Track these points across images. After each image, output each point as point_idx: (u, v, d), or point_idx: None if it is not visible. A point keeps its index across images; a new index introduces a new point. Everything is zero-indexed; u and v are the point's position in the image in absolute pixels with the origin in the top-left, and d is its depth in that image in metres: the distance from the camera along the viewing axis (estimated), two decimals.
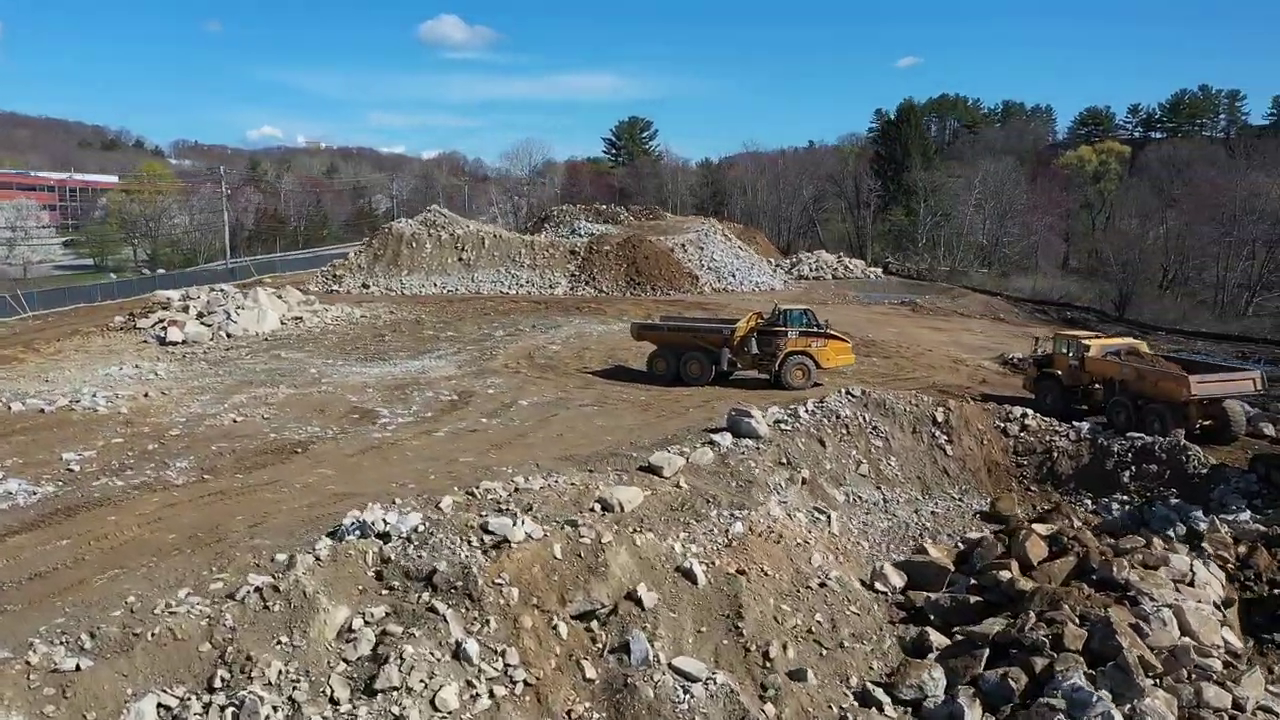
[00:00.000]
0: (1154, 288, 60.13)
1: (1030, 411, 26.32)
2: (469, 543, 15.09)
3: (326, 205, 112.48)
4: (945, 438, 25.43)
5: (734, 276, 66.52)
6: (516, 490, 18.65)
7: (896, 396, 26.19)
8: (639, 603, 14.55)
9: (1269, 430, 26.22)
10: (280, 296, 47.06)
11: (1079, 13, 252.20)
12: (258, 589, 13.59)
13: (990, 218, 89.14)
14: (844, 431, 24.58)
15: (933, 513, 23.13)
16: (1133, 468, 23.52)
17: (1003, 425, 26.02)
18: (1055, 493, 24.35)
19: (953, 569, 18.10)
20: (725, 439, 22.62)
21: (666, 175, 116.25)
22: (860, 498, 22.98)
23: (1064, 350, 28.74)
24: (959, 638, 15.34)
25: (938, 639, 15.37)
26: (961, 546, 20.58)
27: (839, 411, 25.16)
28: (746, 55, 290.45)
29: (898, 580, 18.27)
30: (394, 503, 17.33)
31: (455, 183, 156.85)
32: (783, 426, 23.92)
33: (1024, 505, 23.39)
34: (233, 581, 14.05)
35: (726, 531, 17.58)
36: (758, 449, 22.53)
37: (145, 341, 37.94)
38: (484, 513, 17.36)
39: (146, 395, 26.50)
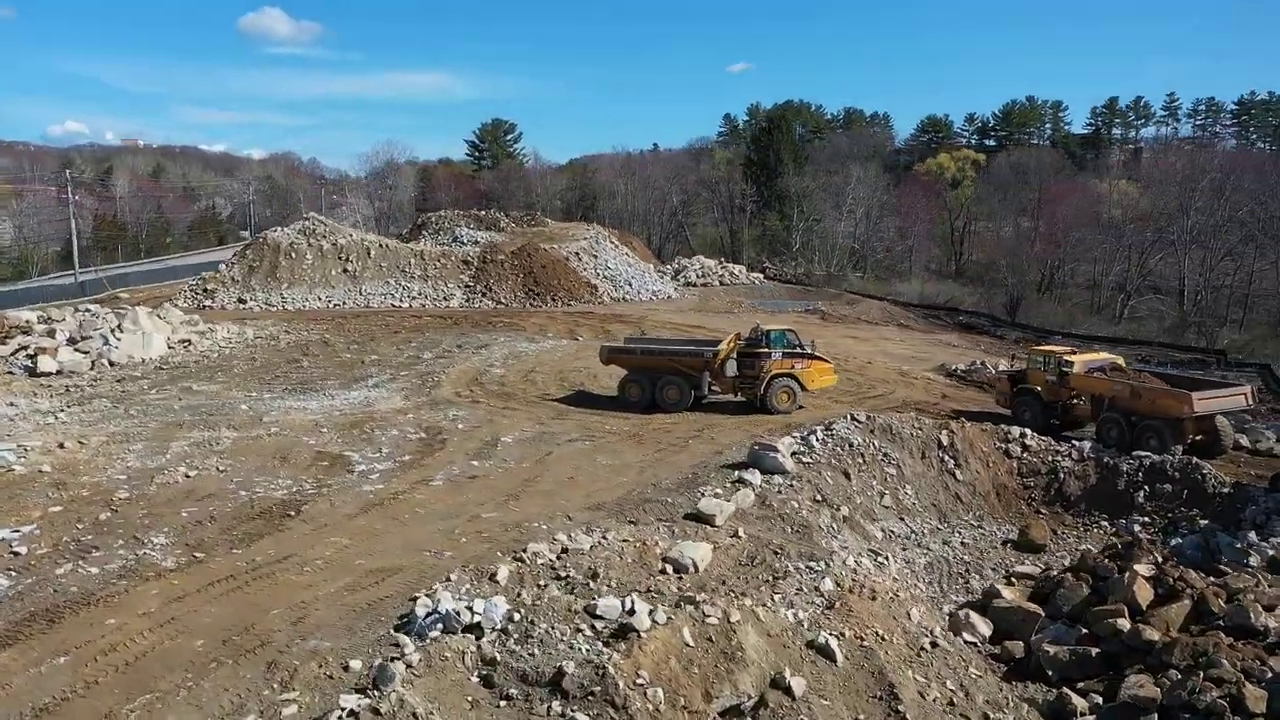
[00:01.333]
0: (1034, 291, 62.47)
1: (1028, 431, 26.01)
2: (581, 632, 12.97)
3: (165, 209, 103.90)
4: (953, 462, 24.75)
5: (630, 285, 65.13)
6: (565, 552, 16.63)
7: (901, 420, 25.34)
8: (788, 691, 12.80)
9: (1244, 441, 26.86)
10: (160, 316, 42.44)
11: (907, 23, 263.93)
12: (353, 713, 11.08)
13: (861, 222, 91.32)
14: (860, 461, 23.48)
15: (962, 543, 22.33)
16: (1146, 488, 23.40)
17: (1003, 446, 25.58)
18: (1067, 515, 24.07)
19: (1042, 614, 17.17)
20: (754, 477, 21.12)
21: (535, 179, 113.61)
22: (894, 533, 21.91)
23: (1040, 366, 28.67)
24: (1097, 699, 14.36)
25: (1079, 702, 14.32)
26: (1014, 582, 19.80)
27: (850, 439, 24.05)
28: (582, 58, 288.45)
29: (985, 629, 17.20)
30: (448, 579, 15.00)
31: (300, 184, 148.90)
32: (802, 459, 22.59)
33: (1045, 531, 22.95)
34: (310, 703, 11.52)
35: (817, 589, 16.04)
36: (791, 486, 21.13)
37: (10, 373, 33.12)
38: (543, 581, 15.39)
39: (62, 446, 22.58)
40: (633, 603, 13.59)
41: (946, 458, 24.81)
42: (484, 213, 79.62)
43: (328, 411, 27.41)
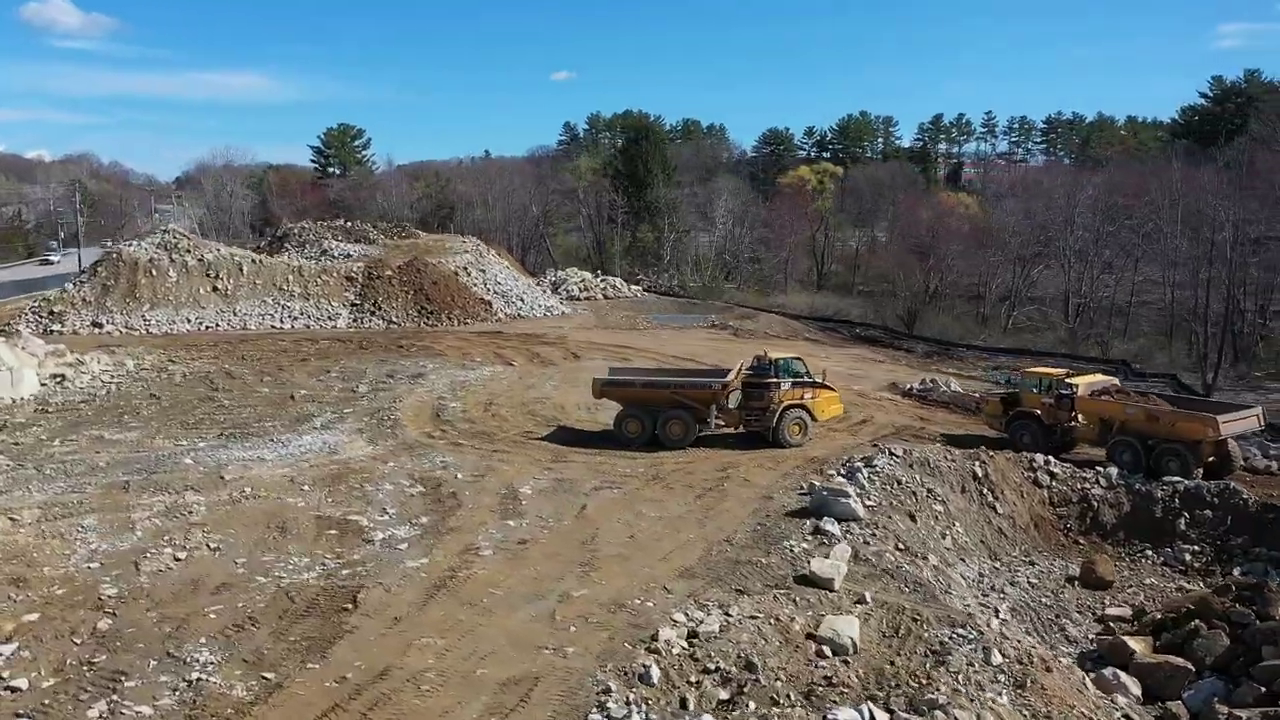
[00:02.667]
0: (921, 303, 63.80)
1: (1051, 459, 25.50)
2: None
3: None
4: (991, 495, 23.91)
5: (522, 301, 62.37)
6: (695, 636, 14.42)
7: (935, 453, 24.25)
8: None
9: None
10: (21, 346, 36.60)
11: (736, 34, 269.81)
12: None
13: (730, 234, 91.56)
14: (913, 500, 22.16)
15: (1029, 583, 21.40)
16: (1185, 514, 23.18)
17: (1032, 475, 24.93)
18: (1106, 544, 23.62)
19: (1192, 669, 16.20)
20: (832, 526, 19.37)
21: (390, 186, 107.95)
22: (967, 577, 20.64)
23: (1035, 388, 28.29)
24: None
25: None
26: (1112, 628, 18.92)
27: (897, 476, 22.73)
28: (406, 60, 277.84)
29: (1135, 688, 16.09)
30: (608, 689, 12.48)
31: (128, 192, 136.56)
32: (865, 500, 20.99)
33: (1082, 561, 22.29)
34: None
35: (988, 663, 14.37)
36: (874, 535, 19.52)
37: None
38: (694, 678, 13.24)
39: None
40: (870, 713, 11.51)
41: (984, 490, 23.96)
42: (351, 224, 74.61)
43: (291, 462, 23.68)
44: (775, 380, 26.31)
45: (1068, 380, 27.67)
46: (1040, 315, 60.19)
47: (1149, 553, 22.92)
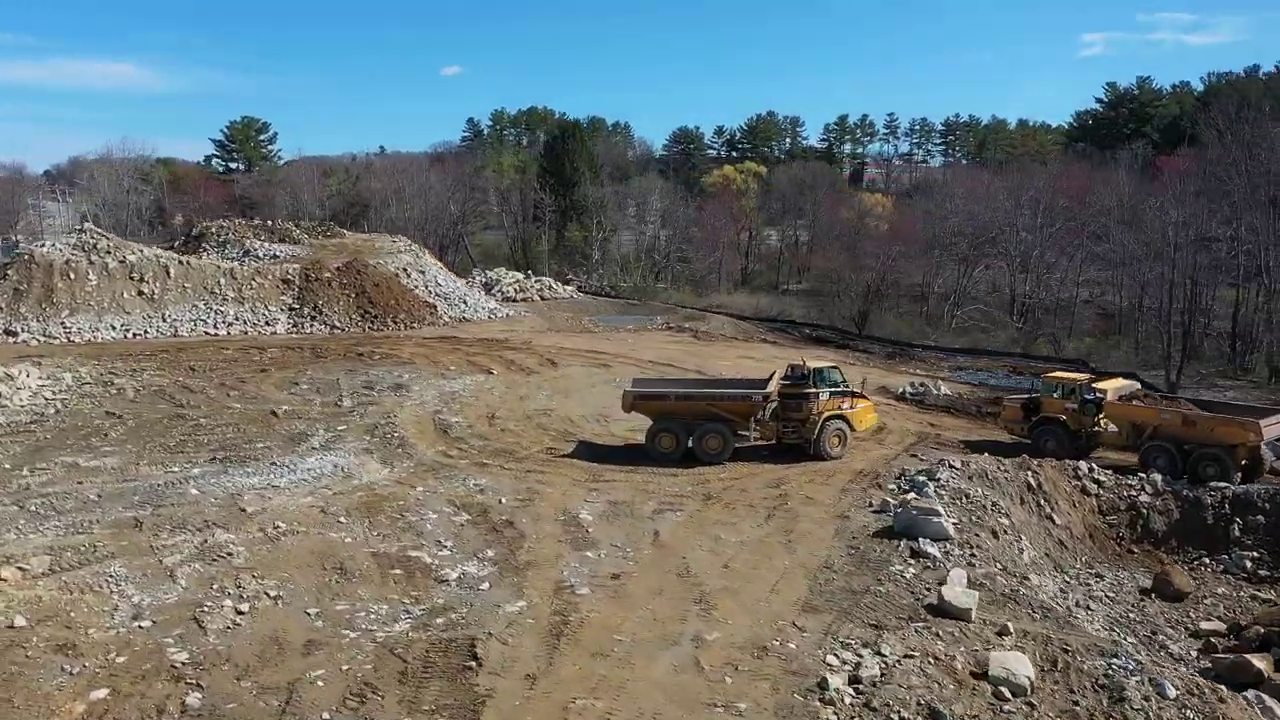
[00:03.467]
0: (869, 303, 63.86)
1: (1094, 466, 25.18)
2: None
3: None
4: (1048, 506, 23.37)
5: (464, 304, 60.01)
6: (857, 682, 13.30)
7: (991, 464, 23.59)
8: None
9: None
10: None
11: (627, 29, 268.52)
12: None
13: (659, 234, 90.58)
14: (984, 514, 21.38)
15: (1108, 596, 20.87)
16: (1238, 520, 23.10)
17: (1079, 483, 24.53)
18: (1160, 552, 23.37)
19: None
20: (932, 548, 18.44)
21: (301, 182, 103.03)
22: (1051, 593, 19.95)
23: (1055, 394, 28.04)
24: None
25: None
26: (1214, 644, 18.50)
27: (964, 490, 21.95)
28: (291, 52, 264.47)
29: (1279, 710, 15.54)
30: None
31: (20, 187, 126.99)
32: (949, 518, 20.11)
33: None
34: None
35: (1164, 695, 13.62)
36: (973, 555, 18.69)
37: None
38: None
39: (3, 579, 15.60)
40: None
41: (1040, 501, 23.41)
42: (273, 222, 70.72)
43: (310, 490, 21.45)
44: (814, 390, 25.27)
45: (1094, 385, 27.48)
46: (984, 314, 60.94)
47: (1206, 560, 22.75)
